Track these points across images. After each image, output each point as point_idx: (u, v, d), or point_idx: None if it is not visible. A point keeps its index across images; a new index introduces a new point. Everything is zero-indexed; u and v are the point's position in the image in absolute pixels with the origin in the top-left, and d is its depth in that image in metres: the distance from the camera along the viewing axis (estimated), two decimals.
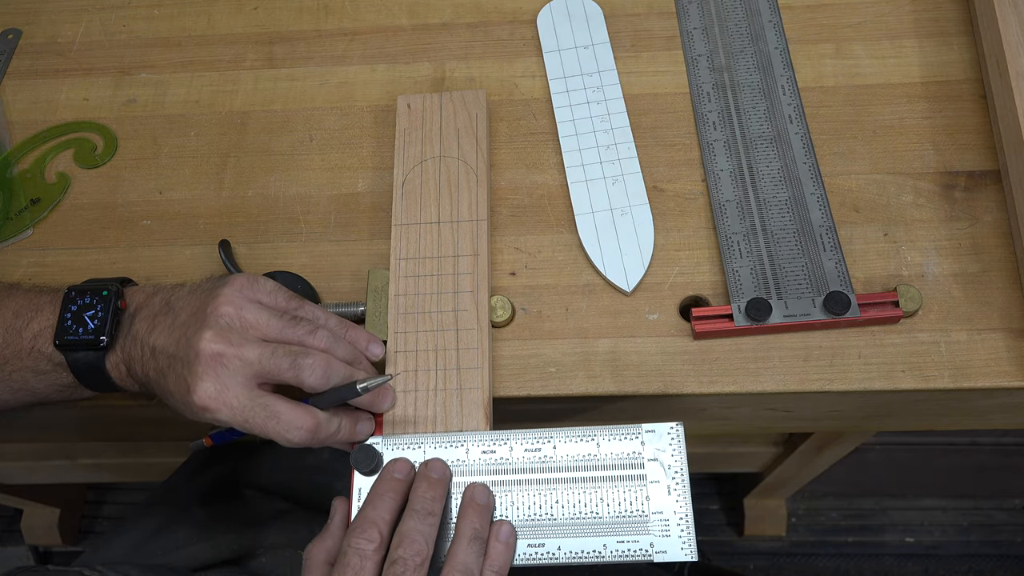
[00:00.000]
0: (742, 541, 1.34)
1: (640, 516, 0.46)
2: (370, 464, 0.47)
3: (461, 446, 0.48)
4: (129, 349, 0.48)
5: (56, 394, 0.50)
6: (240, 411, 0.44)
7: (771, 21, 0.63)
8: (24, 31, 0.70)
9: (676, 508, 0.46)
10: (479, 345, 0.52)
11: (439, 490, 0.45)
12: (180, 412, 0.46)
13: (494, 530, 0.45)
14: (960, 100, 0.59)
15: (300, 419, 0.45)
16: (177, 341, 0.46)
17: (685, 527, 0.45)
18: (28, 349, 0.49)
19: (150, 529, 0.72)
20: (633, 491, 0.46)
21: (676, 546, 0.45)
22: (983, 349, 0.52)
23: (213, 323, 0.45)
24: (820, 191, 0.56)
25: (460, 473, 0.48)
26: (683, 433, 0.47)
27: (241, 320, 0.46)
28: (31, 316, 0.50)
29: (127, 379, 0.49)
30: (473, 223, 0.56)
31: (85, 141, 0.64)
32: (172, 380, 0.45)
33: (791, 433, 1.04)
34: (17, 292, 0.51)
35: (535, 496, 0.47)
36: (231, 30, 0.68)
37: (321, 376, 0.45)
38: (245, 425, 0.45)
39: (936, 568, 1.30)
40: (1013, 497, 1.34)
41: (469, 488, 0.46)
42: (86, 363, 0.49)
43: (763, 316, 0.52)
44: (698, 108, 0.60)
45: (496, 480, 0.47)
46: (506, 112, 0.62)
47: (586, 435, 0.48)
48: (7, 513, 1.38)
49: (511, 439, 0.48)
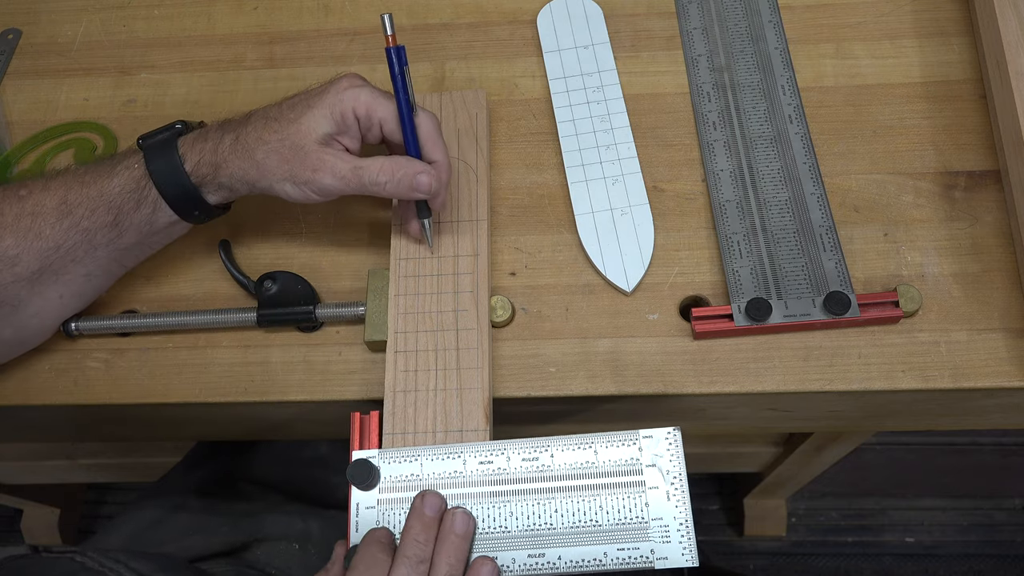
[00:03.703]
0: (742, 541, 1.34)
1: (640, 523, 0.45)
2: (367, 479, 0.47)
3: (458, 457, 0.48)
4: (207, 139, 0.51)
5: (128, 196, 0.51)
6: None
7: (771, 21, 0.63)
8: (24, 31, 0.70)
9: (676, 514, 0.45)
10: (479, 345, 0.52)
11: (432, 531, 0.45)
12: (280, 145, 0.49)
13: (476, 566, 0.44)
14: (960, 100, 0.59)
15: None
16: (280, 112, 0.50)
17: (685, 532, 0.45)
18: (109, 165, 0.52)
19: (146, 522, 0.72)
20: (632, 498, 0.46)
21: (677, 552, 0.45)
22: (983, 349, 0.52)
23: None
24: (820, 191, 0.56)
25: (458, 485, 0.47)
26: (680, 438, 0.47)
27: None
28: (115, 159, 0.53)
29: (204, 166, 0.51)
30: (473, 223, 0.56)
31: (85, 141, 0.64)
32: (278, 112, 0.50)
33: (791, 433, 1.04)
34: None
35: (534, 506, 0.46)
36: (231, 30, 0.68)
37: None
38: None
39: (936, 568, 1.30)
40: (1013, 497, 1.34)
41: (448, 515, 0.45)
42: (159, 141, 0.51)
43: (763, 316, 0.52)
44: (698, 108, 0.60)
45: (494, 491, 0.47)
46: (506, 112, 0.62)
47: (583, 443, 0.47)
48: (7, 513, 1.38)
49: (508, 449, 0.48)
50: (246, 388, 0.55)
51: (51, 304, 0.52)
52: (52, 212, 0.50)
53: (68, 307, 0.54)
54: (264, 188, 0.51)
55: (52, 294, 0.52)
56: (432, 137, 0.51)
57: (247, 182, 0.51)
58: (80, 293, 0.53)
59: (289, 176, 0.49)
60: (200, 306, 0.57)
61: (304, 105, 0.50)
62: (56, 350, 0.56)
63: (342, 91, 0.49)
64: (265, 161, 0.49)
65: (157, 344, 0.56)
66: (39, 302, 0.52)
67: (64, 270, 0.51)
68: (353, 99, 0.49)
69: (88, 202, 0.50)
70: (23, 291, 0.50)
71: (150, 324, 0.56)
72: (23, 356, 0.56)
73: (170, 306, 0.58)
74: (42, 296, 0.51)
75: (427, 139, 0.51)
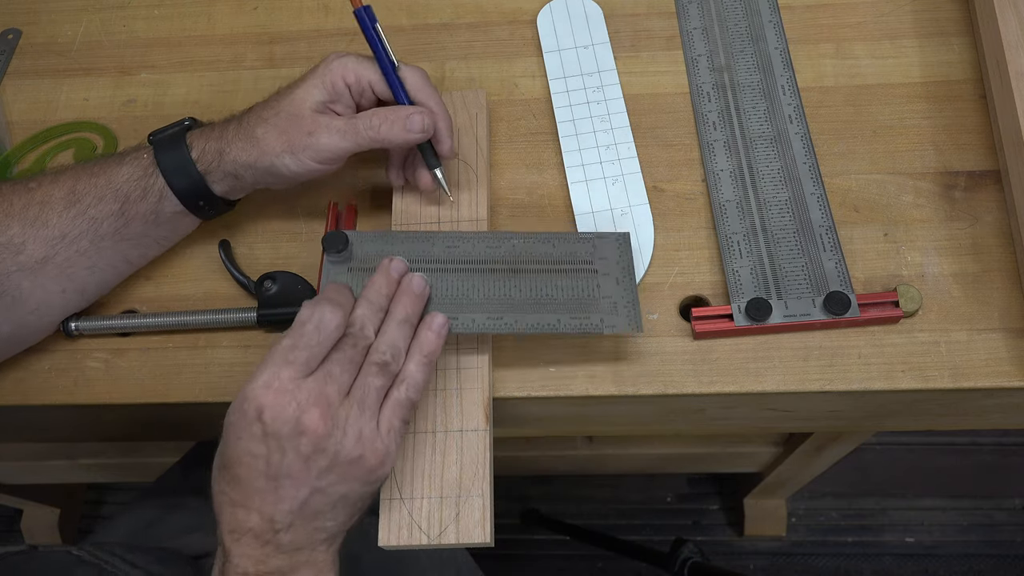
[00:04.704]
0: (742, 541, 1.34)
1: (591, 299, 0.50)
2: (340, 248, 0.50)
3: (428, 241, 0.51)
4: (214, 130, 0.53)
5: (135, 184, 0.52)
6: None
7: (771, 21, 0.63)
8: (24, 31, 0.70)
9: (623, 294, 0.51)
10: (479, 345, 0.52)
11: (394, 287, 0.48)
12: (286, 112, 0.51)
13: (427, 319, 0.47)
14: (960, 100, 0.59)
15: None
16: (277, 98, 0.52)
17: (632, 309, 0.50)
18: (118, 156, 0.53)
19: (144, 521, 0.72)
20: (584, 281, 0.51)
21: (624, 321, 0.50)
22: (983, 349, 0.52)
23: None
24: (820, 191, 0.56)
25: (426, 262, 0.51)
26: (629, 241, 0.53)
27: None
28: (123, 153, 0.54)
29: (209, 153, 0.52)
30: (473, 223, 0.56)
31: (85, 141, 0.64)
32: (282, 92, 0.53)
33: (791, 433, 1.04)
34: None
35: (495, 282, 0.50)
36: (231, 30, 0.68)
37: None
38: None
39: (936, 568, 1.30)
40: (1013, 497, 1.34)
41: (406, 277, 0.48)
42: (169, 135, 0.53)
43: (763, 316, 0.52)
44: (698, 108, 0.60)
45: (459, 268, 0.51)
46: (506, 112, 0.62)
47: (544, 238, 0.52)
48: (7, 513, 1.38)
49: (475, 239, 0.52)
50: None
51: (52, 298, 0.52)
52: (60, 201, 0.51)
53: (70, 303, 0.54)
54: (266, 167, 0.51)
55: (55, 287, 0.52)
56: (421, 87, 0.53)
57: (249, 164, 0.52)
58: (83, 288, 0.53)
59: (288, 147, 0.51)
60: (200, 306, 0.57)
61: (297, 81, 0.52)
62: (56, 350, 0.56)
63: (330, 62, 0.52)
64: (265, 137, 0.51)
65: (157, 344, 0.56)
66: (40, 295, 0.52)
67: (69, 262, 0.51)
68: (341, 67, 0.52)
69: (95, 190, 0.51)
70: (25, 281, 0.51)
71: (150, 324, 0.56)
72: (23, 356, 0.56)
73: (170, 306, 0.58)
74: (44, 289, 0.51)
75: (417, 90, 0.53)
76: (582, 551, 1.32)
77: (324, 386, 0.42)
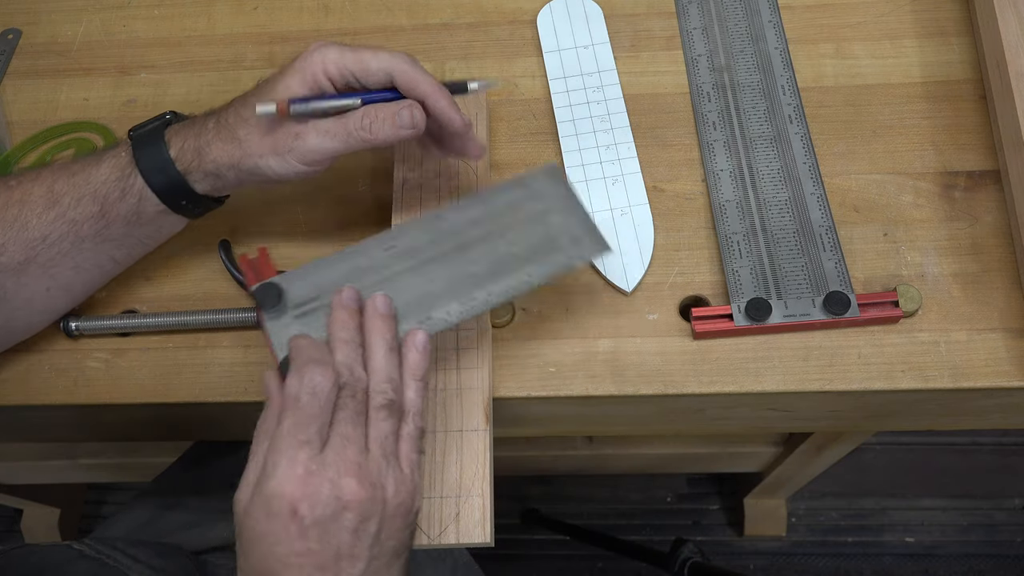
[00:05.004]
0: (742, 541, 1.34)
1: (549, 239, 0.48)
2: (274, 300, 0.46)
3: (361, 253, 0.48)
4: (193, 126, 0.50)
5: (113, 186, 0.50)
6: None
7: (771, 21, 0.63)
8: (24, 31, 0.70)
9: (578, 223, 0.49)
10: (479, 345, 0.52)
11: (357, 318, 0.45)
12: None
13: (408, 340, 0.45)
14: (960, 100, 0.59)
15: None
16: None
17: (592, 233, 0.49)
18: (97, 155, 0.51)
19: (143, 519, 0.72)
20: (534, 225, 0.49)
21: (590, 249, 0.49)
22: (983, 349, 0.52)
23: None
24: (820, 191, 0.56)
25: (369, 275, 0.47)
26: (559, 169, 0.51)
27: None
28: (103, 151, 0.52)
29: (188, 151, 0.50)
30: None
31: (85, 141, 0.64)
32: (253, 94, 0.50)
33: (791, 433, 1.04)
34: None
35: (449, 264, 0.48)
36: (231, 30, 0.68)
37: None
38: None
39: (936, 568, 1.30)
40: (1013, 497, 1.34)
41: (368, 302, 0.45)
42: (147, 131, 0.51)
43: (763, 316, 0.52)
44: (698, 108, 0.60)
45: (407, 267, 0.47)
46: (506, 112, 0.62)
47: (474, 201, 0.50)
48: (7, 513, 1.38)
49: (405, 231, 0.49)
50: (246, 388, 0.55)
51: (38, 297, 0.52)
52: (39, 201, 0.49)
53: (57, 300, 0.53)
54: (250, 168, 0.49)
55: (39, 287, 0.51)
56: (405, 70, 0.49)
57: (232, 165, 0.49)
58: (68, 287, 0.53)
59: (271, 148, 0.48)
60: (200, 306, 0.57)
61: (277, 76, 0.49)
62: (56, 350, 0.56)
63: (310, 54, 0.49)
64: (248, 138, 0.49)
65: (157, 344, 0.56)
66: (26, 294, 0.51)
67: (52, 262, 0.50)
68: (321, 59, 0.48)
69: (74, 191, 0.50)
70: (8, 282, 0.50)
71: (150, 324, 0.56)
72: (23, 356, 0.56)
73: (170, 306, 0.58)
74: (29, 288, 0.51)
75: (406, 78, 0.49)
76: (582, 551, 1.32)
77: (345, 452, 0.40)
